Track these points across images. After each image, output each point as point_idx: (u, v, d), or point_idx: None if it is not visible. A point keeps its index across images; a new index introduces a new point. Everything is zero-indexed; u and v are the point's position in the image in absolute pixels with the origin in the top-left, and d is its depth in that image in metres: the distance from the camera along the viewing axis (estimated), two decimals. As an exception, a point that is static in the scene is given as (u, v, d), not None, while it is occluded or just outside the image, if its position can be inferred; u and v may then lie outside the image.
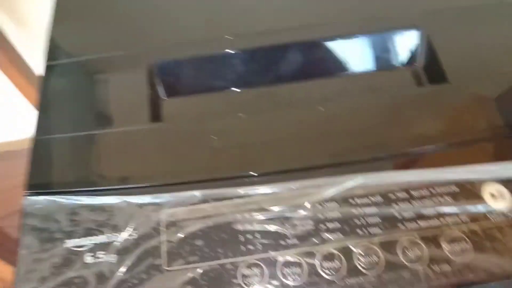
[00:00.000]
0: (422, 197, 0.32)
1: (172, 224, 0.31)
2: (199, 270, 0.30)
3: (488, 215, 0.31)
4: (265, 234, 0.31)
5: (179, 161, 0.35)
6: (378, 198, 0.32)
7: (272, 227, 0.31)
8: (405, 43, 0.42)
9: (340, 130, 0.36)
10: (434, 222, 0.31)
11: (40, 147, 0.36)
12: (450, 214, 0.31)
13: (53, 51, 0.42)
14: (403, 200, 0.32)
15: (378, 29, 0.42)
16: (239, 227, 0.31)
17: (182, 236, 0.31)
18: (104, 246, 0.31)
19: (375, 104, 0.38)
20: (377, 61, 0.43)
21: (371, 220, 0.31)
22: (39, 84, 0.40)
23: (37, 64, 0.70)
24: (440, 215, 0.31)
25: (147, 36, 0.42)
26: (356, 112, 0.37)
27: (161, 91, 0.40)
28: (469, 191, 0.32)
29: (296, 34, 0.41)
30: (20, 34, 0.69)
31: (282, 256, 0.30)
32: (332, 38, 0.42)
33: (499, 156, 0.33)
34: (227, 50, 0.40)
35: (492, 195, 0.32)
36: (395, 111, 0.37)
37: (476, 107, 0.36)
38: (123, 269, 0.30)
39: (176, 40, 0.42)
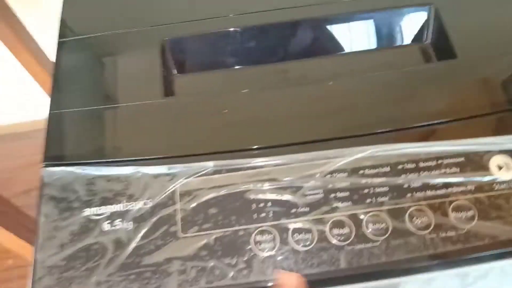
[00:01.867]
0: (430, 168, 0.32)
1: (186, 194, 0.32)
2: (213, 237, 0.31)
3: (494, 185, 0.32)
4: (277, 202, 0.32)
5: (192, 134, 0.36)
6: (387, 169, 0.33)
7: (283, 197, 0.32)
8: (415, 20, 0.43)
9: (350, 105, 0.36)
10: (441, 192, 0.32)
11: (56, 120, 0.37)
12: (457, 184, 0.32)
13: (65, 28, 0.43)
14: (411, 170, 0.32)
15: (388, 6, 0.42)
16: (252, 196, 0.32)
17: (196, 204, 0.32)
18: (120, 214, 0.32)
19: (384, 80, 0.38)
20: (387, 39, 0.43)
21: (380, 189, 0.32)
22: (53, 63, 0.40)
23: (51, 48, 0.71)
24: (447, 185, 0.32)
25: (157, 14, 0.43)
26: (366, 88, 0.38)
27: (173, 67, 0.41)
28: (476, 163, 0.33)
29: (306, 12, 0.42)
30: (34, 18, 0.70)
31: (293, 223, 0.31)
32: (343, 16, 0.42)
33: (505, 129, 0.34)
34: (235, 28, 0.41)
35: (499, 166, 0.32)
36: (403, 87, 0.38)
37: (482, 82, 0.36)
38: (139, 235, 0.31)
39: (186, 18, 0.42)
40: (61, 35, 0.42)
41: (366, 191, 0.32)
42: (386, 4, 0.43)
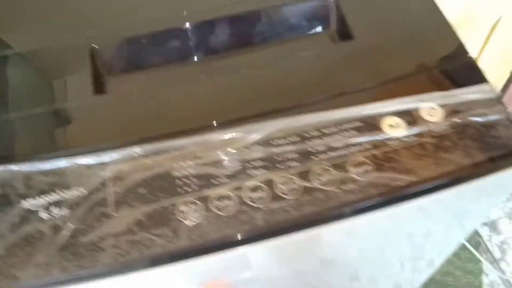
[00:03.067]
0: (331, 133, 0.37)
1: (118, 178, 0.36)
2: (143, 212, 0.34)
3: (386, 142, 0.36)
4: (199, 177, 0.35)
5: (121, 125, 0.39)
6: (295, 138, 0.37)
7: (205, 171, 0.36)
8: (320, 12, 0.48)
9: (263, 87, 0.41)
10: (342, 152, 0.36)
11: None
12: (355, 144, 0.36)
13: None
14: (315, 137, 0.37)
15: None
16: (176, 173, 0.36)
17: (127, 187, 0.35)
18: (57, 203, 0.35)
19: (293, 64, 0.43)
20: (296, 29, 0.48)
21: (289, 156, 0.36)
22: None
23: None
24: (347, 146, 0.36)
25: (85, 20, 0.46)
26: (280, 72, 0.42)
27: (103, 69, 0.44)
28: (370, 125, 0.37)
29: (225, 9, 0.46)
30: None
31: (214, 193, 0.35)
32: (262, 10, 0.47)
33: (393, 94, 0.39)
34: (158, 29, 0.45)
35: (390, 126, 0.37)
36: (309, 68, 0.43)
37: (374, 56, 0.42)
38: (75, 220, 0.34)
39: (111, 24, 0.46)
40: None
41: (278, 158, 0.36)
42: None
